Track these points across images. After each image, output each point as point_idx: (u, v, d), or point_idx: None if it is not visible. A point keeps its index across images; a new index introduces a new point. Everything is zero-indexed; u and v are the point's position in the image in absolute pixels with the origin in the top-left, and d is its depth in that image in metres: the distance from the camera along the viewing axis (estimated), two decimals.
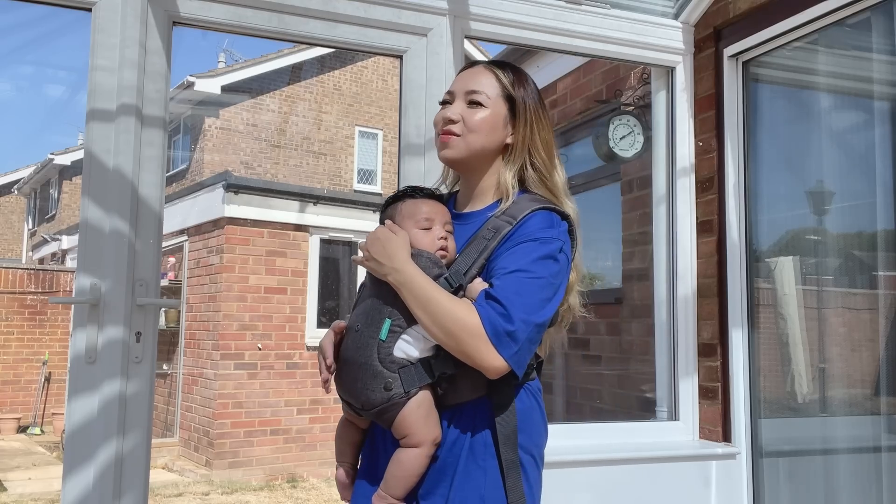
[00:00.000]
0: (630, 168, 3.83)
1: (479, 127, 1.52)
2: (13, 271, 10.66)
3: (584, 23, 2.76)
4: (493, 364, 1.34)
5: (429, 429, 1.40)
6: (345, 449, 1.57)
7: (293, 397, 8.04)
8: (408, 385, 1.39)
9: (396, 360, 1.40)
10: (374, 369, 1.39)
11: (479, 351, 1.33)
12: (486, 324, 1.33)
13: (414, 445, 1.40)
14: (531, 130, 1.54)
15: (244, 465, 7.73)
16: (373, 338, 1.41)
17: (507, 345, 1.33)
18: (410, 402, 1.39)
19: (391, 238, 1.45)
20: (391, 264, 1.41)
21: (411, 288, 1.39)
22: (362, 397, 1.41)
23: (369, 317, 1.44)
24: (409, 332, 1.41)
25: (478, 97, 1.53)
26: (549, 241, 1.43)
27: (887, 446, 2.39)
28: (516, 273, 1.37)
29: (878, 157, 2.45)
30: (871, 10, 2.42)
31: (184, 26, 2.32)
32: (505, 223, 1.45)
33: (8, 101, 42.86)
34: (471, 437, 1.43)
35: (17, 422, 10.24)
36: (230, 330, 7.78)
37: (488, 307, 1.34)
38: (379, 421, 1.44)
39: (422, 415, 1.40)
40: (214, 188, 8.08)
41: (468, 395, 1.43)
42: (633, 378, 3.77)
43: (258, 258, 7.96)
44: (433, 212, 1.50)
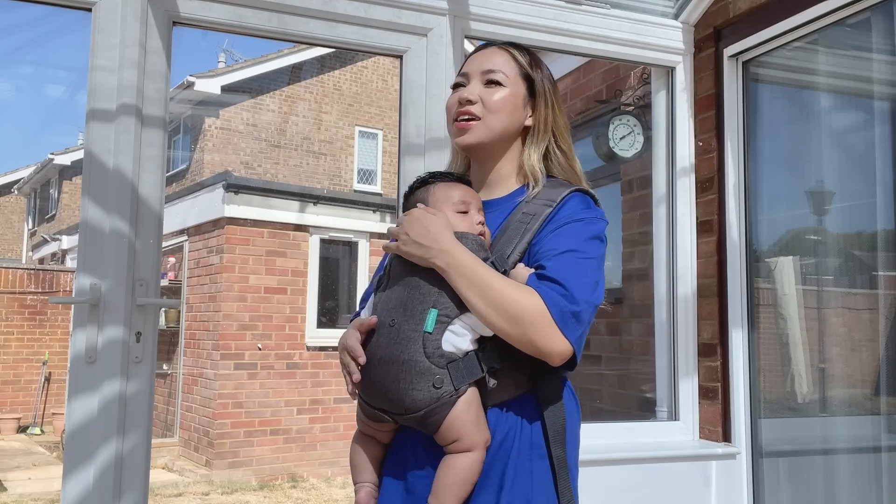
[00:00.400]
0: (630, 168, 3.83)
1: (499, 107, 1.42)
2: (13, 271, 10.67)
3: (584, 23, 2.76)
4: (559, 348, 1.24)
5: (481, 431, 1.28)
6: (364, 466, 1.40)
7: (293, 397, 8.04)
8: (458, 381, 1.25)
9: (445, 355, 1.26)
10: (421, 366, 1.25)
11: (545, 335, 1.22)
12: (550, 306, 1.23)
13: (466, 450, 1.26)
14: (553, 112, 1.46)
15: (244, 465, 7.73)
16: (415, 331, 1.26)
17: (573, 327, 1.24)
18: (460, 401, 1.26)
19: (433, 219, 1.32)
20: (438, 246, 1.28)
21: (464, 271, 1.26)
22: (406, 399, 1.25)
23: (408, 308, 1.29)
24: (458, 322, 1.28)
25: (496, 76, 1.43)
26: (594, 221, 1.35)
27: (887, 446, 2.39)
28: (568, 253, 1.28)
29: (878, 157, 2.45)
30: (871, 10, 2.42)
31: (184, 26, 2.32)
32: (543, 206, 1.36)
33: (8, 101, 42.89)
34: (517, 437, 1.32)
35: (17, 422, 10.24)
36: (230, 330, 7.78)
37: (548, 288, 1.24)
38: (422, 426, 1.28)
39: (473, 415, 1.27)
40: (214, 188, 8.09)
41: (511, 391, 1.32)
42: (633, 378, 3.77)
43: (258, 258, 7.97)
44: (468, 195, 1.39)
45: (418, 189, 1.43)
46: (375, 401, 1.31)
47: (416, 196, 1.42)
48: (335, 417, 8.29)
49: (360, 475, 1.40)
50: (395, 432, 1.38)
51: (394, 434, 1.38)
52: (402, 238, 1.32)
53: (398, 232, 1.34)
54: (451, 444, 1.27)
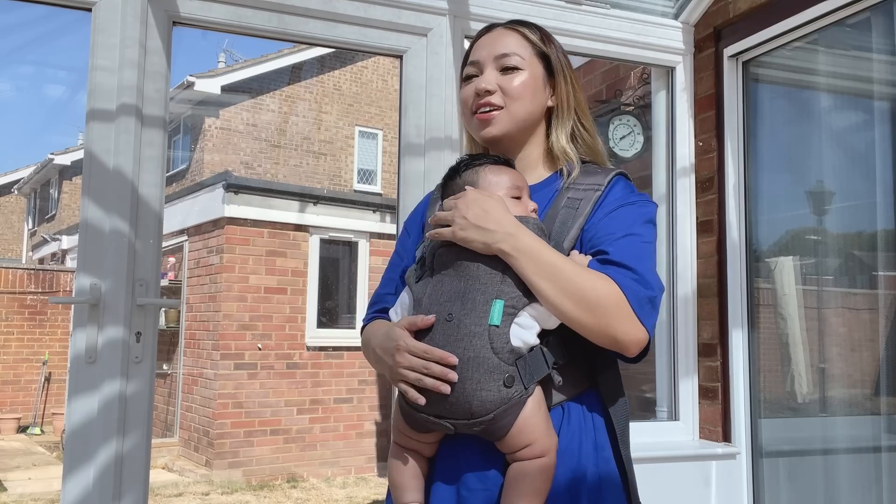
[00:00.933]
0: (630, 168, 3.83)
1: (521, 93, 1.32)
2: (13, 271, 10.67)
3: (584, 23, 2.76)
4: (637, 336, 1.14)
5: (551, 433, 1.16)
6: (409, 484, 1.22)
7: (293, 397, 8.04)
8: (528, 379, 1.14)
9: (514, 350, 1.14)
10: (489, 363, 1.12)
11: (624, 323, 1.13)
12: (626, 291, 1.14)
13: (538, 455, 1.13)
14: (573, 88, 1.38)
15: (244, 465, 7.73)
16: (479, 325, 1.13)
17: (650, 313, 1.16)
18: (530, 401, 1.14)
19: (492, 201, 1.20)
20: (503, 229, 1.16)
21: (533, 255, 1.14)
22: (473, 402, 1.12)
23: (467, 300, 1.15)
24: (525, 313, 1.16)
25: (511, 60, 1.34)
26: (646, 203, 1.28)
27: (887, 446, 2.39)
28: (630, 237, 1.20)
29: (878, 157, 2.45)
30: (871, 10, 2.42)
31: (184, 26, 2.32)
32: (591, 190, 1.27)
33: (8, 101, 42.89)
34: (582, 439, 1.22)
35: (17, 422, 10.24)
36: (230, 330, 7.78)
37: (619, 274, 1.15)
38: (487, 433, 1.15)
39: (543, 416, 1.15)
40: (214, 188, 8.09)
41: (571, 390, 1.22)
42: (633, 378, 3.77)
43: (258, 258, 7.97)
44: (521, 180, 1.28)
45: (465, 171, 1.29)
46: (431, 407, 1.15)
47: (464, 178, 1.28)
48: (335, 417, 8.29)
49: (404, 495, 1.22)
50: (441, 443, 1.23)
51: (438, 445, 1.24)
52: (459, 222, 1.18)
53: (450, 217, 1.20)
54: (520, 450, 1.14)
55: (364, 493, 7.33)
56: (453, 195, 1.26)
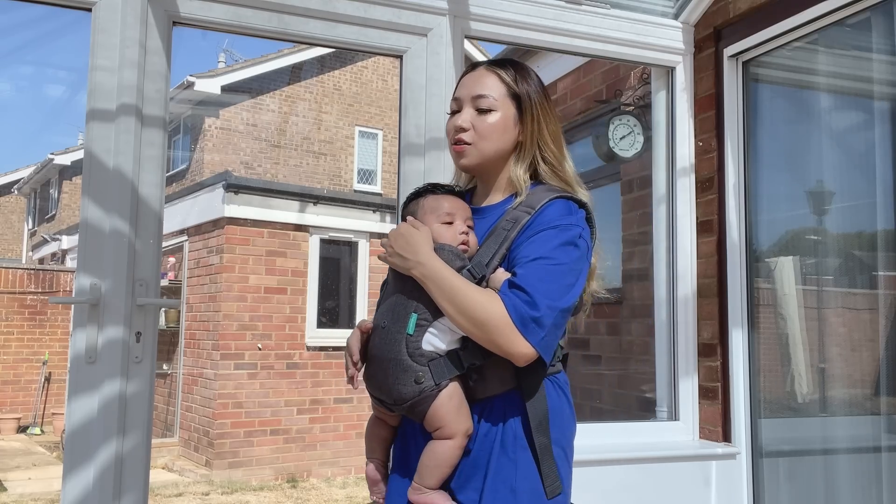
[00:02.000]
0: (630, 168, 3.83)
1: (489, 133, 1.54)
2: (13, 271, 10.67)
3: (584, 23, 2.76)
4: (521, 350, 1.35)
5: (461, 420, 1.42)
6: (375, 445, 1.60)
7: (293, 397, 8.04)
8: (438, 377, 1.41)
9: (425, 354, 1.42)
10: (404, 363, 1.42)
11: (506, 338, 1.35)
12: (511, 312, 1.34)
13: (447, 437, 1.42)
14: (538, 125, 1.55)
15: (244, 465, 7.73)
16: (400, 333, 1.43)
17: (534, 331, 1.35)
18: (441, 393, 1.41)
19: (414, 233, 1.47)
20: (415, 258, 1.43)
21: (436, 280, 1.40)
22: (394, 392, 1.43)
23: (395, 313, 1.46)
24: (436, 325, 1.43)
25: (485, 102, 1.54)
26: (569, 227, 1.44)
27: (887, 446, 2.39)
28: (538, 260, 1.39)
29: (878, 157, 2.45)
30: (871, 10, 2.42)
31: (184, 26, 2.32)
32: (523, 213, 1.47)
33: (8, 101, 42.86)
34: (501, 429, 1.44)
35: (17, 422, 10.24)
36: (230, 330, 7.78)
37: (513, 295, 1.36)
38: (411, 415, 1.46)
39: (453, 406, 1.42)
40: (214, 188, 8.08)
41: (497, 388, 1.45)
42: (633, 378, 3.77)
43: (258, 258, 7.97)
44: (454, 207, 1.53)
45: (411, 202, 1.58)
46: (374, 392, 1.50)
47: (409, 209, 1.57)
48: (335, 417, 8.29)
49: (370, 452, 1.60)
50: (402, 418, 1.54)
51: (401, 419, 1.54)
52: (388, 250, 1.49)
53: (386, 244, 1.50)
54: (435, 430, 1.42)
55: (364, 493, 7.33)
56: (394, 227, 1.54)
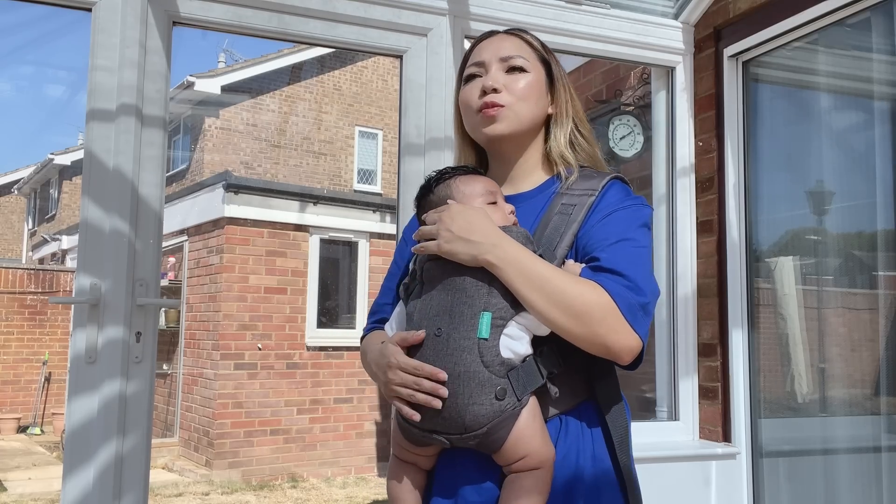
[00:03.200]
0: (630, 168, 3.83)
1: (527, 93, 1.32)
2: (13, 271, 10.67)
3: (584, 23, 2.76)
4: (629, 344, 1.14)
5: (547, 444, 1.16)
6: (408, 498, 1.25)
7: (293, 397, 8.04)
8: (520, 390, 1.14)
9: (505, 362, 1.14)
10: (480, 377, 1.12)
11: (615, 331, 1.12)
12: (617, 299, 1.13)
13: (535, 467, 1.14)
14: (571, 96, 1.38)
15: (244, 465, 7.73)
16: (468, 339, 1.14)
17: (642, 320, 1.15)
18: (524, 412, 1.14)
19: (475, 212, 1.20)
20: (488, 240, 1.16)
21: (519, 266, 1.14)
22: (466, 416, 1.12)
23: (455, 314, 1.16)
24: (515, 324, 1.16)
25: (518, 61, 1.33)
26: (640, 207, 1.27)
27: (887, 446, 2.39)
28: (623, 242, 1.19)
29: (878, 157, 2.45)
30: (871, 10, 2.42)
31: (184, 26, 2.32)
32: (584, 195, 1.26)
33: (8, 101, 42.87)
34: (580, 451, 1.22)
35: (17, 422, 10.24)
36: (230, 330, 7.78)
37: (611, 280, 1.15)
38: (483, 446, 1.15)
39: (538, 427, 1.15)
40: (214, 188, 8.08)
41: (569, 400, 1.22)
42: (633, 378, 3.77)
43: (258, 258, 7.97)
44: (493, 185, 1.30)
45: (437, 186, 1.30)
46: (426, 423, 1.16)
47: (438, 193, 1.29)
48: (335, 417, 8.29)
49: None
50: (439, 455, 1.25)
51: (436, 458, 1.25)
52: (444, 235, 1.18)
53: (435, 231, 1.20)
54: (516, 462, 1.14)
55: (364, 493, 7.33)
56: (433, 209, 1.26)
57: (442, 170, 1.34)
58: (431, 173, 1.34)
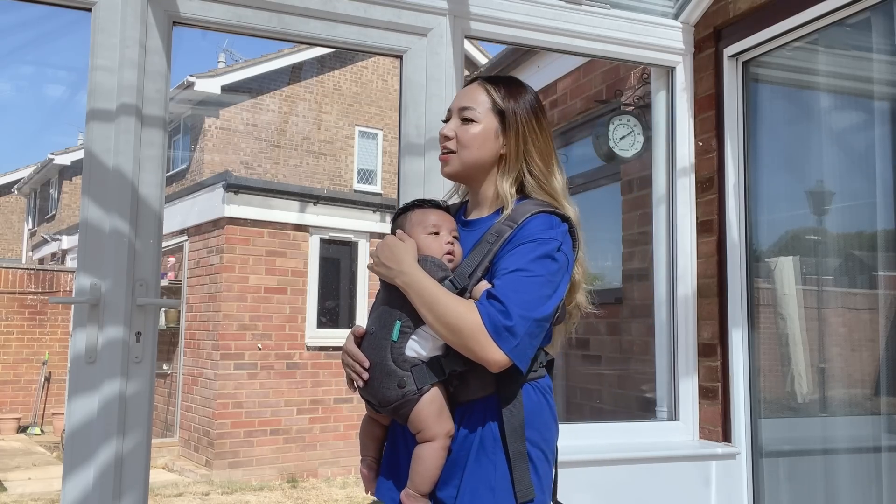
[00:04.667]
0: (630, 168, 3.83)
1: (469, 142, 1.61)
2: (13, 271, 10.67)
3: (584, 23, 2.76)
4: (493, 357, 1.42)
5: (441, 423, 1.50)
6: (368, 444, 1.68)
7: (293, 397, 8.04)
8: (420, 382, 1.49)
9: (408, 360, 1.49)
10: (388, 368, 1.49)
11: (480, 345, 1.42)
12: (485, 320, 1.42)
13: (429, 439, 1.49)
14: (523, 140, 1.61)
15: (244, 465, 7.73)
16: (386, 339, 1.51)
17: (507, 339, 1.42)
18: (423, 398, 1.48)
19: (399, 244, 1.56)
20: (399, 268, 1.51)
21: (417, 289, 1.48)
22: (379, 395, 1.52)
23: (382, 320, 1.54)
24: (419, 332, 1.50)
25: (469, 113, 1.62)
26: (548, 241, 1.50)
27: (887, 446, 2.39)
28: (515, 272, 1.46)
29: (878, 157, 2.45)
30: (871, 10, 2.42)
31: (184, 26, 2.32)
32: (506, 227, 1.53)
33: (8, 101, 42.84)
34: (481, 431, 1.51)
35: (17, 422, 10.24)
36: (230, 330, 7.78)
37: (489, 305, 1.44)
38: (395, 417, 1.54)
39: (434, 410, 1.49)
40: (214, 188, 8.08)
41: (478, 392, 1.52)
42: (633, 378, 3.77)
43: (258, 258, 7.96)
44: (440, 220, 1.60)
45: (400, 215, 1.65)
46: (364, 394, 1.58)
47: (397, 222, 1.64)
48: (335, 417, 8.29)
49: (363, 451, 1.69)
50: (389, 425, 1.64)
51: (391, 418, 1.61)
52: (374, 259, 1.57)
53: (374, 254, 1.58)
54: (418, 433, 1.50)
55: (364, 493, 7.33)
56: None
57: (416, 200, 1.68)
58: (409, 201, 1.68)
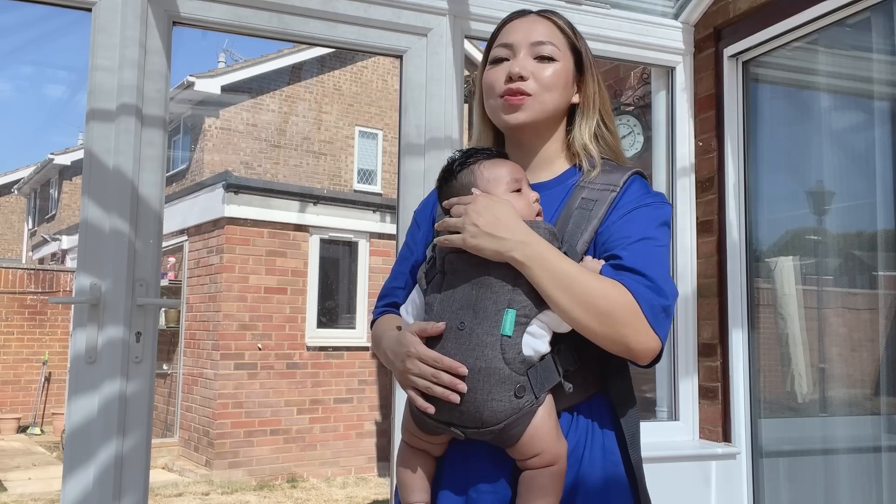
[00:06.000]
0: None
1: (553, 83, 1.29)
2: (13, 271, 10.66)
3: (584, 23, 2.75)
4: (650, 345, 1.14)
5: (561, 441, 1.17)
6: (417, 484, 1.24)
7: (293, 397, 8.04)
8: (538, 388, 1.14)
9: (525, 360, 1.14)
10: (501, 374, 1.12)
11: (637, 332, 1.12)
12: (640, 300, 1.12)
13: (549, 463, 1.15)
14: (600, 87, 1.35)
15: (244, 465, 7.73)
16: (491, 335, 1.13)
17: (663, 322, 1.15)
18: (540, 410, 1.14)
19: (503, 206, 1.17)
20: (515, 237, 1.14)
21: (546, 264, 1.13)
22: (485, 411, 1.12)
23: (479, 309, 1.15)
24: (538, 322, 1.16)
25: (547, 49, 1.30)
26: (661, 205, 1.26)
27: (887, 446, 2.39)
28: (644, 241, 1.19)
29: (878, 157, 2.45)
30: (871, 10, 2.42)
31: (184, 26, 2.32)
32: (604, 191, 1.25)
33: (8, 101, 42.85)
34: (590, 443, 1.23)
35: (17, 422, 10.24)
36: (230, 330, 7.78)
37: (633, 281, 1.14)
38: (498, 440, 1.15)
39: (553, 425, 1.16)
40: (214, 188, 8.08)
41: (581, 394, 1.23)
42: (634, 378, 3.76)
43: (258, 258, 7.96)
44: (517, 171, 1.25)
45: (460, 171, 1.25)
46: (442, 414, 1.16)
47: (461, 179, 1.25)
48: (335, 417, 8.29)
49: (411, 494, 1.24)
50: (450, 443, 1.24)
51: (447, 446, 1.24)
52: (470, 229, 1.16)
53: (460, 224, 1.17)
54: (531, 458, 1.15)
55: (364, 493, 7.33)
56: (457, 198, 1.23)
57: (465, 151, 1.29)
58: (455, 154, 1.30)
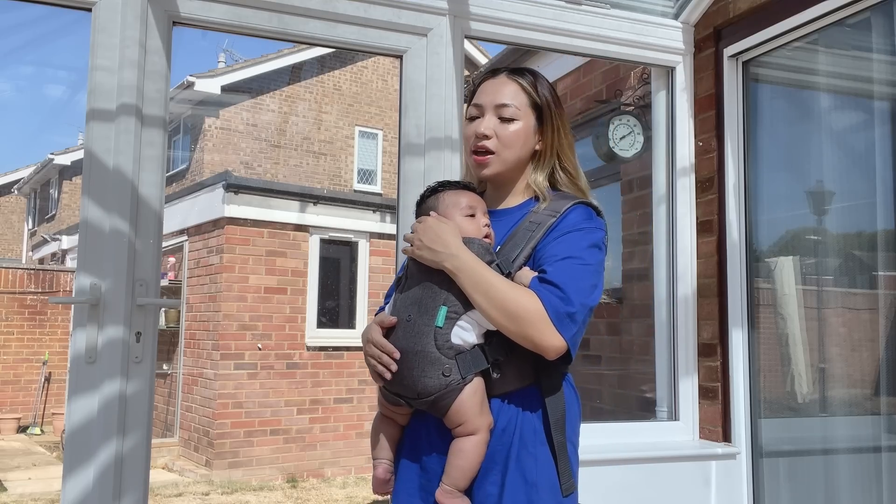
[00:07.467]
0: (630, 168, 3.83)
1: (513, 141, 1.56)
2: (13, 271, 10.66)
3: (584, 23, 2.76)
4: (554, 344, 1.38)
5: (484, 415, 1.44)
6: (383, 444, 1.57)
7: (293, 397, 8.04)
8: (465, 371, 1.42)
9: (454, 347, 1.43)
10: (432, 356, 1.42)
11: (542, 332, 1.37)
12: (547, 306, 1.37)
13: (471, 433, 1.42)
14: (558, 136, 1.59)
15: (244, 465, 7.73)
16: (428, 325, 1.43)
17: (568, 326, 1.38)
18: (466, 388, 1.42)
19: (443, 226, 1.48)
20: (447, 250, 1.44)
21: (469, 273, 1.42)
22: (419, 385, 1.43)
23: (422, 305, 1.46)
24: (466, 318, 1.44)
25: (508, 111, 1.56)
26: (594, 230, 1.49)
27: (887, 446, 2.39)
28: (568, 259, 1.43)
29: (878, 157, 2.45)
30: (871, 10, 2.42)
31: (184, 26, 2.32)
32: (548, 216, 1.50)
33: (8, 101, 42.86)
34: (520, 424, 1.46)
35: (17, 422, 10.24)
36: (230, 330, 7.78)
37: (547, 291, 1.39)
38: (433, 410, 1.45)
39: (477, 401, 1.43)
40: (214, 188, 8.08)
41: (516, 383, 1.48)
42: (633, 378, 3.77)
43: (258, 258, 7.96)
44: (475, 201, 1.55)
45: (429, 197, 1.58)
46: (393, 387, 1.47)
47: (428, 204, 1.57)
48: (335, 417, 8.29)
49: (378, 452, 1.57)
50: (412, 416, 1.54)
51: (410, 417, 1.54)
52: (416, 243, 1.48)
53: (413, 238, 1.49)
54: (457, 427, 1.42)
55: (364, 493, 7.33)
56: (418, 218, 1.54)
57: (440, 182, 1.61)
58: (432, 183, 1.61)
